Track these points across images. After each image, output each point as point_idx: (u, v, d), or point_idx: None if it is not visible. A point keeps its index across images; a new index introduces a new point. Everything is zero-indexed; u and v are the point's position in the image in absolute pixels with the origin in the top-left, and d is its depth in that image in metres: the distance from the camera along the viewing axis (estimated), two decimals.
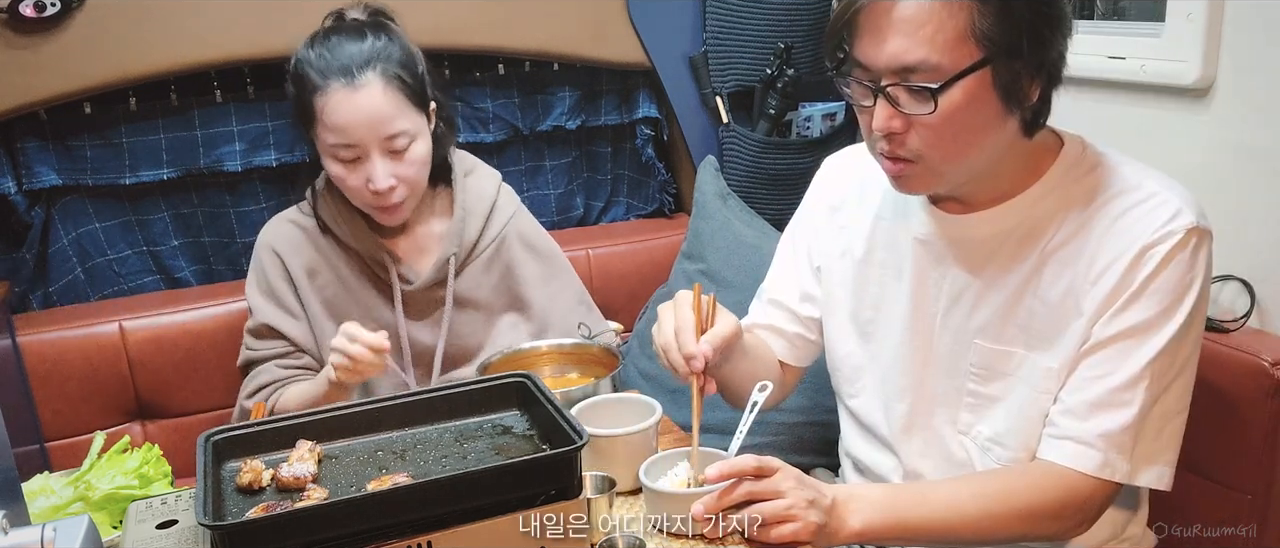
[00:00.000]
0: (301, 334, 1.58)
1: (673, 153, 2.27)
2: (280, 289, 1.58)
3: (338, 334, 1.40)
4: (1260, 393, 1.30)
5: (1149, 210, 1.11)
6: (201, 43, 1.78)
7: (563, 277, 1.71)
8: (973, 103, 1.07)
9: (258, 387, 1.57)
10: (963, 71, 1.05)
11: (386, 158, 1.48)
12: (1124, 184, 1.14)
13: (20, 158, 1.78)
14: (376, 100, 1.46)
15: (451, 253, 1.59)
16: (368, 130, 1.46)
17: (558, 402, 1.09)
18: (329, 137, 1.47)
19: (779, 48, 2.07)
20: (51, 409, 1.75)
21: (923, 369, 1.26)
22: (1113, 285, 1.11)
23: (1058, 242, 1.15)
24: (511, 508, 0.99)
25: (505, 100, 2.09)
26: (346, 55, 1.47)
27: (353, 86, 1.45)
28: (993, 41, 1.05)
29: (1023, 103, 1.09)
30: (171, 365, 1.80)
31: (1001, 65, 1.06)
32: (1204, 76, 1.45)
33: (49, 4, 1.66)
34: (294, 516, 0.95)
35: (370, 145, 1.46)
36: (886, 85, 1.08)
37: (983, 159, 1.13)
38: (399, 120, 1.47)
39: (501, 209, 1.66)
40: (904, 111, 1.08)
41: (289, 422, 1.14)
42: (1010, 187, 1.18)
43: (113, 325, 1.78)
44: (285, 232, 1.61)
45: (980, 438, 1.23)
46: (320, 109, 1.46)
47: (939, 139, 1.09)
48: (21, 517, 0.94)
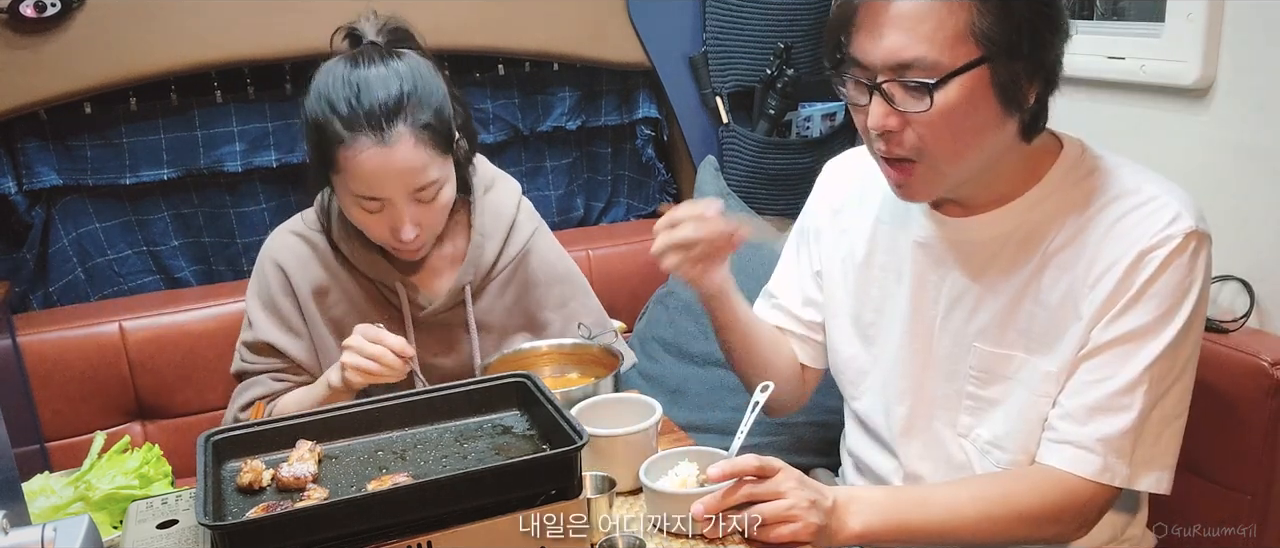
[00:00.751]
0: (301, 353, 1.52)
1: (673, 153, 2.27)
2: (283, 306, 1.51)
3: (354, 334, 1.35)
4: (1260, 393, 1.30)
5: (1148, 214, 1.11)
6: (202, 43, 1.78)
7: (580, 297, 1.65)
8: (970, 101, 1.06)
9: (250, 400, 1.51)
10: (960, 68, 1.05)
11: (413, 205, 1.40)
12: (1123, 187, 1.14)
13: (21, 158, 1.78)
14: (407, 156, 1.35)
15: (467, 281, 1.53)
16: (398, 184, 1.36)
17: (558, 402, 1.09)
18: (354, 186, 1.37)
19: (779, 48, 2.07)
20: (52, 409, 1.75)
21: (922, 372, 1.26)
22: (1111, 289, 1.11)
23: (1057, 245, 1.15)
24: (511, 508, 0.99)
25: (505, 101, 2.09)
26: (374, 103, 1.34)
27: (383, 144, 1.33)
28: (992, 41, 1.04)
29: (1021, 105, 1.09)
30: (171, 366, 1.80)
31: (1000, 65, 1.06)
32: (1203, 77, 1.45)
33: (49, 4, 1.66)
34: (294, 516, 0.95)
35: (399, 198, 1.38)
36: (882, 82, 1.08)
37: (981, 160, 1.13)
38: (430, 171, 1.38)
39: (521, 228, 1.58)
40: (899, 109, 1.08)
41: (289, 422, 1.14)
42: (1009, 189, 1.17)
43: (113, 325, 1.78)
44: (292, 246, 1.52)
45: (979, 441, 1.23)
46: (345, 161, 1.35)
47: (937, 136, 1.09)
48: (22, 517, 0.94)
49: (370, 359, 1.33)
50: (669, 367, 1.91)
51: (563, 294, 1.63)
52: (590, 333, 1.62)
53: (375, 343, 1.33)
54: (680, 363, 1.91)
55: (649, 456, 1.19)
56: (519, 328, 1.61)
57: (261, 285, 1.52)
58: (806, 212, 1.43)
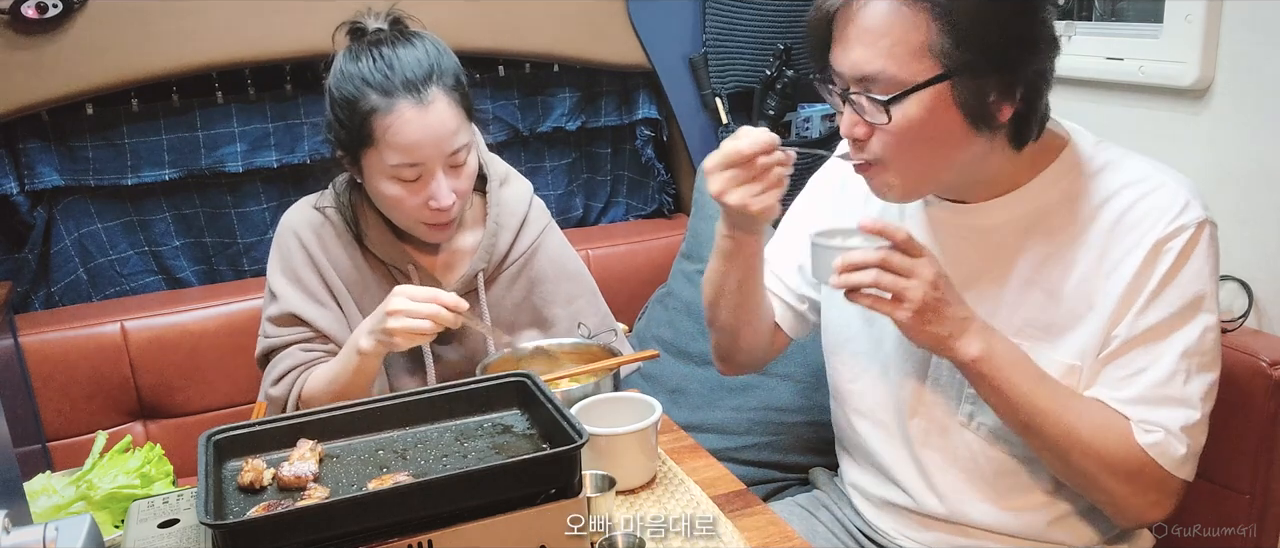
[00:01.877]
0: (329, 323, 1.51)
1: (672, 154, 2.27)
2: (306, 277, 1.51)
3: (396, 297, 1.33)
4: (1259, 393, 1.30)
5: (1158, 203, 1.11)
6: (203, 44, 1.79)
7: (587, 296, 1.66)
8: (930, 116, 1.07)
9: (281, 373, 1.49)
10: (918, 85, 1.06)
11: (448, 173, 1.42)
12: (1129, 176, 1.14)
13: (22, 158, 1.79)
14: (444, 116, 1.39)
15: (480, 268, 1.54)
16: (435, 148, 1.39)
17: (558, 401, 1.10)
18: (392, 157, 1.39)
19: (778, 49, 2.08)
20: (53, 409, 1.76)
21: (925, 357, 1.26)
22: (1129, 281, 1.11)
23: (1066, 235, 1.15)
24: (511, 507, 0.99)
25: (505, 102, 2.09)
26: (409, 70, 1.38)
27: (422, 104, 1.37)
28: (951, 58, 1.05)
29: (990, 121, 1.09)
30: (173, 366, 1.81)
31: (962, 82, 1.06)
32: (1202, 77, 1.45)
33: (51, 5, 1.66)
34: (295, 515, 0.95)
35: (435, 163, 1.40)
36: (852, 93, 1.10)
37: (952, 172, 1.14)
38: (462, 134, 1.42)
39: (532, 223, 1.61)
40: (867, 120, 1.10)
41: (290, 421, 1.14)
42: (1007, 183, 1.18)
43: (114, 326, 1.79)
44: (311, 218, 1.52)
45: (982, 430, 1.23)
46: (384, 130, 1.37)
47: (898, 148, 1.10)
48: (23, 516, 0.95)
49: (422, 319, 1.31)
50: (669, 367, 1.92)
51: (570, 291, 1.64)
52: (590, 332, 1.62)
53: (426, 302, 1.32)
54: (680, 363, 1.91)
55: (649, 454, 1.20)
56: (527, 324, 1.62)
57: (283, 257, 1.52)
58: (807, 188, 1.43)
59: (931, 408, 1.27)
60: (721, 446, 1.75)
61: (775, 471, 1.77)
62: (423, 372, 1.54)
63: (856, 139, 1.13)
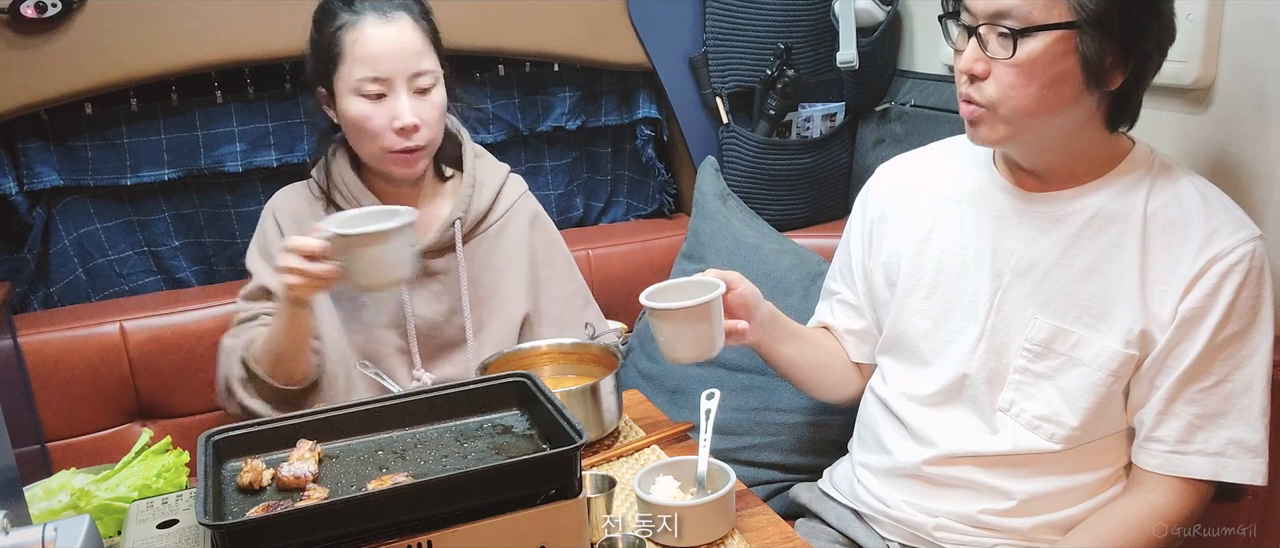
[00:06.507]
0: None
1: (673, 153, 2.27)
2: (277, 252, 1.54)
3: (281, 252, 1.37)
4: None
5: (1223, 224, 1.19)
6: (202, 43, 1.79)
7: (563, 262, 1.74)
8: (1051, 58, 1.15)
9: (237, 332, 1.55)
10: (1048, 25, 1.14)
11: (412, 96, 1.51)
12: (1191, 193, 1.22)
13: (21, 158, 1.78)
14: (408, 34, 1.51)
15: (458, 216, 1.61)
16: (398, 63, 1.49)
17: (558, 401, 1.10)
18: (358, 70, 1.49)
19: (779, 48, 2.07)
20: (53, 410, 1.75)
21: (975, 344, 1.31)
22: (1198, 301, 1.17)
23: (1132, 236, 1.21)
24: (511, 508, 0.99)
25: (505, 101, 2.09)
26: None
27: (386, 18, 1.50)
28: (1084, 9, 1.13)
29: (1103, 82, 1.17)
30: (172, 366, 1.81)
31: (1088, 34, 1.14)
32: (1204, 77, 1.45)
33: (50, 4, 1.66)
34: (294, 515, 0.95)
35: (398, 80, 1.49)
36: (980, 25, 1.18)
37: (1052, 127, 1.21)
38: (426, 58, 1.52)
39: (512, 185, 1.70)
40: (989, 55, 1.18)
41: (289, 422, 1.14)
42: (1085, 172, 1.25)
43: (114, 326, 1.78)
44: (291, 198, 1.63)
45: (1025, 416, 1.27)
46: (351, 42, 1.49)
47: (1012, 87, 1.18)
48: (23, 517, 0.95)
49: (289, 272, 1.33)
50: (669, 366, 1.91)
51: (548, 256, 1.71)
52: (594, 332, 1.62)
53: (289, 253, 1.34)
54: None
55: (714, 329, 1.28)
56: (509, 284, 1.65)
57: (260, 239, 1.62)
58: (850, 224, 1.50)
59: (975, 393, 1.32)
60: (722, 446, 1.75)
61: (775, 471, 1.77)
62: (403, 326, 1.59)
63: (975, 77, 1.20)
